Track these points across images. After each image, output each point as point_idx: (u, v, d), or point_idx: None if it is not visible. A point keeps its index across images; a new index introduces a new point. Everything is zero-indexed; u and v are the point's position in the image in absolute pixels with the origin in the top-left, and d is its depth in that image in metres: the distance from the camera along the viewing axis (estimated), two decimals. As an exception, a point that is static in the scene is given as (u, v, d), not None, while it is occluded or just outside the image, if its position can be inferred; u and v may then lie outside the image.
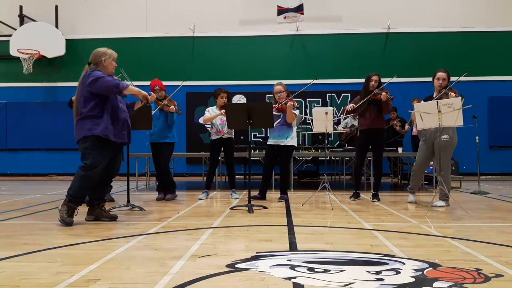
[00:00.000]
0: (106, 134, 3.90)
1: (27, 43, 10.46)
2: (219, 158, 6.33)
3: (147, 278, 2.26)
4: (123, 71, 4.34)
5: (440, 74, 5.17)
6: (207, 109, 6.14)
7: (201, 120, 6.11)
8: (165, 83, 6.02)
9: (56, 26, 11.02)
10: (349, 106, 5.57)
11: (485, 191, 6.85)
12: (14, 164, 11.13)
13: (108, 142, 3.94)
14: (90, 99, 3.91)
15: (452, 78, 5.29)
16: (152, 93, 4.62)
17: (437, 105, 4.64)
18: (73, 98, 4.72)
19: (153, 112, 5.61)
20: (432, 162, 5.60)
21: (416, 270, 2.37)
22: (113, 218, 4.14)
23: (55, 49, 10.75)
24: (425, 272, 2.34)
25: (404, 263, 2.52)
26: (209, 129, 6.20)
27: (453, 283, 2.14)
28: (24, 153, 11.11)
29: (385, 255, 2.74)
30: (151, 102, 4.47)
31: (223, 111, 5.85)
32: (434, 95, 5.20)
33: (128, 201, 4.98)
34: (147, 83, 6.02)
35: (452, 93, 4.93)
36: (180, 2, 11.04)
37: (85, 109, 3.92)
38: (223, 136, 5.96)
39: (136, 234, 3.46)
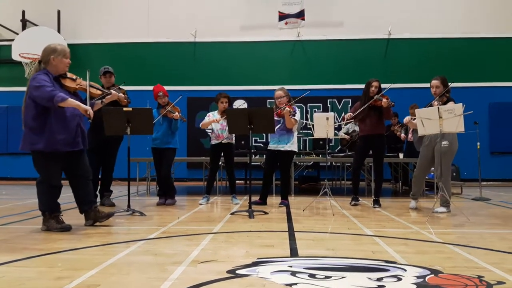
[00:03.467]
0: (53, 148, 3.66)
1: (29, 48, 10.47)
2: (220, 163, 6.33)
3: (147, 283, 2.25)
4: (88, 73, 4.11)
5: (433, 82, 5.20)
6: (207, 114, 6.15)
7: (200, 125, 6.13)
8: (166, 88, 6.02)
9: (58, 31, 11.06)
10: (347, 115, 5.61)
11: (486, 197, 6.82)
12: (15, 168, 11.12)
13: (57, 153, 3.72)
14: (32, 106, 3.63)
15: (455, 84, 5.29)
16: (113, 91, 4.44)
17: (438, 111, 4.65)
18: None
19: (155, 120, 5.59)
20: (433, 168, 5.59)
21: (418, 277, 2.36)
22: (109, 216, 4.10)
23: (57, 53, 10.76)
24: (426, 279, 2.33)
25: (405, 270, 2.51)
26: (209, 134, 6.21)
27: (455, 290, 2.13)
28: (25, 158, 11.01)
29: (386, 261, 2.72)
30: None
31: (217, 117, 5.88)
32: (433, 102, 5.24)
33: (129, 206, 4.97)
34: (149, 88, 6.05)
35: (435, 102, 4.96)
36: (182, 8, 11.09)
37: (28, 119, 3.66)
38: (223, 141, 5.96)
39: (137, 239, 3.45)
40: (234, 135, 6.12)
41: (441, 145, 4.97)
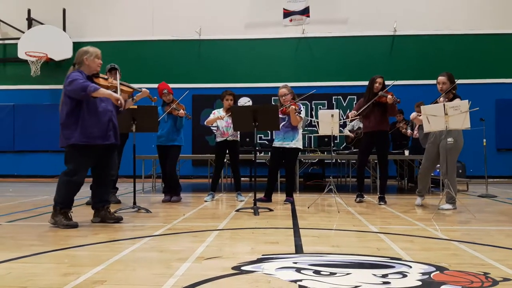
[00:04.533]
0: (83, 140, 3.81)
1: (35, 46, 10.55)
2: (225, 160, 6.34)
3: (153, 280, 2.26)
4: (119, 72, 4.20)
5: (439, 78, 5.15)
6: (213, 112, 6.17)
7: (204, 122, 6.16)
8: (171, 85, 6.04)
9: (64, 29, 11.11)
10: (351, 114, 5.59)
11: (492, 194, 6.79)
12: (21, 165, 11.21)
13: (89, 147, 3.86)
14: (68, 103, 3.84)
15: (462, 81, 5.25)
16: (144, 89, 4.53)
17: (444, 108, 4.62)
18: None
19: (160, 118, 5.63)
20: (438, 165, 5.57)
21: (423, 274, 2.36)
22: (118, 220, 4.14)
23: (63, 52, 10.84)
24: (432, 275, 2.33)
25: (410, 267, 2.51)
26: (214, 131, 6.23)
27: (461, 287, 2.12)
28: (31, 155, 11.19)
29: (392, 258, 2.72)
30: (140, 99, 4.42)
31: (221, 115, 5.90)
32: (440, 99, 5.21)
33: (135, 203, 5.00)
34: (154, 85, 6.05)
35: (441, 99, 4.93)
36: (186, 6, 11.09)
37: (62, 116, 3.86)
38: (228, 139, 5.97)
39: (142, 236, 3.47)
40: (239, 132, 6.13)
41: (446, 142, 4.95)
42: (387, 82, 5.68)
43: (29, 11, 11.24)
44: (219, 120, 5.97)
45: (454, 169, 5.10)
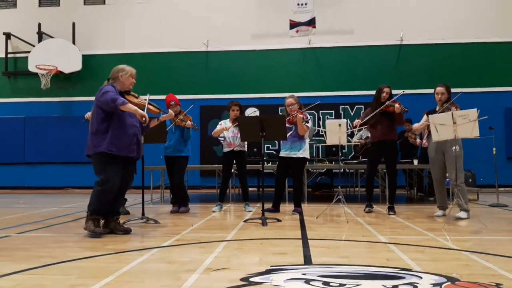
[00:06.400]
0: (110, 149, 3.93)
1: (45, 59, 10.73)
2: (232, 170, 6.34)
3: (161, 291, 2.26)
4: (148, 96, 4.34)
5: (438, 89, 5.22)
6: (219, 122, 6.19)
7: (212, 133, 6.19)
8: (179, 97, 6.09)
9: (73, 42, 11.29)
10: (356, 122, 5.58)
11: (503, 203, 6.70)
12: (31, 177, 11.31)
13: (115, 157, 3.97)
14: (99, 113, 3.98)
15: (466, 90, 5.23)
16: (170, 110, 4.67)
17: (452, 117, 4.60)
18: (89, 113, 4.83)
19: (168, 128, 5.68)
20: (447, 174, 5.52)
21: (434, 285, 2.32)
22: (127, 231, 4.16)
23: (72, 64, 11.01)
24: (443, 286, 2.29)
25: (421, 277, 2.47)
26: (221, 141, 6.25)
27: (473, 298, 2.09)
28: (41, 167, 11.29)
29: (402, 269, 2.69)
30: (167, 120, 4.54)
31: (226, 126, 5.93)
32: (436, 109, 5.22)
33: (143, 213, 5.01)
34: (162, 97, 6.11)
35: (454, 108, 4.91)
36: (194, 18, 11.22)
37: (93, 125, 4.01)
38: (235, 149, 5.98)
39: (151, 247, 3.47)
40: (246, 142, 6.14)
41: (452, 150, 4.94)
42: (395, 92, 5.67)
43: (39, 25, 11.45)
44: (226, 131, 6.00)
45: (463, 177, 5.07)
